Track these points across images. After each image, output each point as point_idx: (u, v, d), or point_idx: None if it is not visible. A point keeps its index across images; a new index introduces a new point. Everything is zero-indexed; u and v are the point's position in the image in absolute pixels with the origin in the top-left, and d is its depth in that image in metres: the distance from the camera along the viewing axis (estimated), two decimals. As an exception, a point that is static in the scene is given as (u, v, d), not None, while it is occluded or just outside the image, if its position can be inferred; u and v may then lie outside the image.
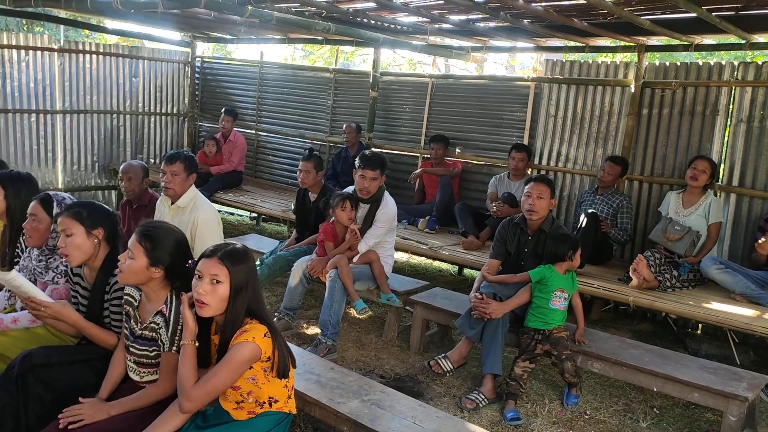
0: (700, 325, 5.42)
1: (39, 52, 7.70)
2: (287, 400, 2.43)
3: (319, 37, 7.81)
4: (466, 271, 6.91)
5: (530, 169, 6.42)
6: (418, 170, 6.88)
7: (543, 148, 6.42)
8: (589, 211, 5.20)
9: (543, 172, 6.29)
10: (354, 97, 7.98)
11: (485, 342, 3.90)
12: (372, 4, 5.30)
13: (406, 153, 7.52)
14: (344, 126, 7.45)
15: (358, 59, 18.62)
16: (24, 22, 15.87)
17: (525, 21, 5.27)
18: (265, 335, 2.28)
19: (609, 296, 4.73)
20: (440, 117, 7.25)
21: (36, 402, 2.69)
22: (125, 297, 2.71)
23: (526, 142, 6.50)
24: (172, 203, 4.09)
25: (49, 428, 2.54)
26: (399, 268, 6.18)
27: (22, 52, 7.56)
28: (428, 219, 6.24)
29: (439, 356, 4.02)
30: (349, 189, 4.78)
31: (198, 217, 3.92)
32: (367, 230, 4.55)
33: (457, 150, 6.96)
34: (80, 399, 2.58)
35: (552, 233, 4.05)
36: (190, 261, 2.62)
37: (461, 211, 6.03)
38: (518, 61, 15.12)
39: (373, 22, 6.14)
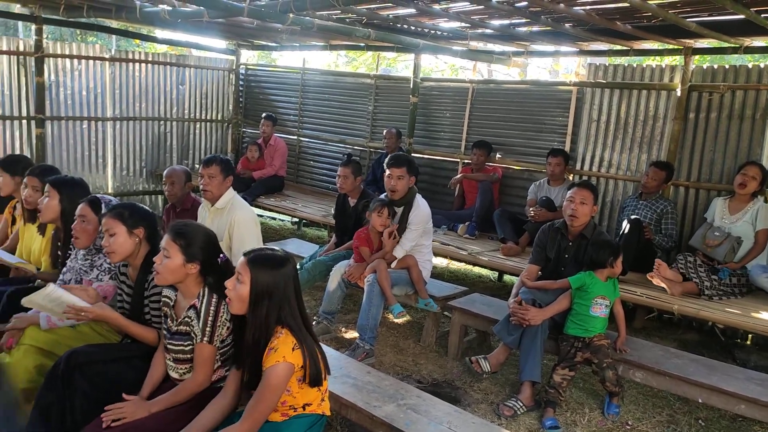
0: (749, 336, 5.25)
1: (91, 62, 7.96)
2: (321, 402, 2.45)
3: (361, 44, 7.87)
4: (506, 278, 6.84)
5: (572, 175, 6.33)
6: (458, 176, 6.86)
7: (585, 154, 6.32)
8: (632, 217, 5.10)
9: (585, 178, 6.19)
10: (394, 102, 8.01)
11: (524, 349, 3.85)
12: (412, 11, 5.31)
13: (446, 158, 7.51)
14: (384, 131, 7.48)
15: (401, 65, 18.68)
16: (78, 32, 16.49)
17: (567, 25, 5.20)
18: (293, 348, 2.30)
19: (652, 304, 4.62)
20: (481, 122, 7.21)
21: (81, 398, 2.78)
22: (163, 299, 2.79)
23: (567, 147, 6.41)
24: (212, 206, 4.18)
25: (93, 424, 2.62)
26: (438, 274, 6.16)
27: (75, 61, 7.82)
28: (468, 224, 6.21)
29: (481, 356, 4.00)
30: (384, 196, 4.79)
31: (235, 218, 4.00)
32: (401, 234, 4.56)
33: (498, 155, 6.91)
34: (124, 396, 2.66)
35: (593, 239, 3.98)
36: (221, 256, 2.69)
37: (500, 216, 5.98)
38: (562, 66, 14.95)
39: (413, 27, 6.16)
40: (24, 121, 7.39)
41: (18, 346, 3.08)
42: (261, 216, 8.64)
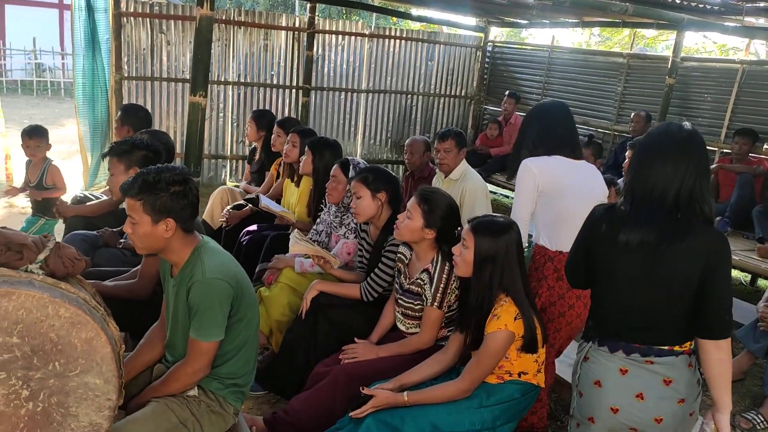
0: None
1: (353, 38, 8.66)
2: (536, 373, 2.48)
3: (617, 20, 7.46)
4: (761, 282, 6.09)
5: None
6: (714, 165, 6.22)
7: None
8: None
9: None
10: (647, 84, 7.49)
11: (771, 360, 3.45)
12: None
13: (702, 146, 6.83)
14: (632, 114, 7.04)
15: (661, 45, 17.26)
16: (344, 10, 17.95)
17: None
18: (515, 318, 2.36)
19: None
20: (749, 108, 6.44)
21: (322, 336, 3.16)
22: (398, 255, 3.01)
23: None
24: (445, 177, 4.36)
25: (330, 359, 2.97)
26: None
27: (340, 37, 8.58)
28: (720, 220, 5.62)
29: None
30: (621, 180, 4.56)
31: (467, 187, 4.14)
32: None
33: (765, 146, 6.12)
34: (356, 339, 2.97)
35: None
36: (459, 228, 2.81)
37: (761, 214, 5.31)
38: None
39: (678, 1, 5.68)
40: (293, 90, 8.34)
41: (276, 283, 3.57)
42: (494, 193, 8.72)
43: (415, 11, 9.14)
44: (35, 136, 4.57)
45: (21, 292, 1.79)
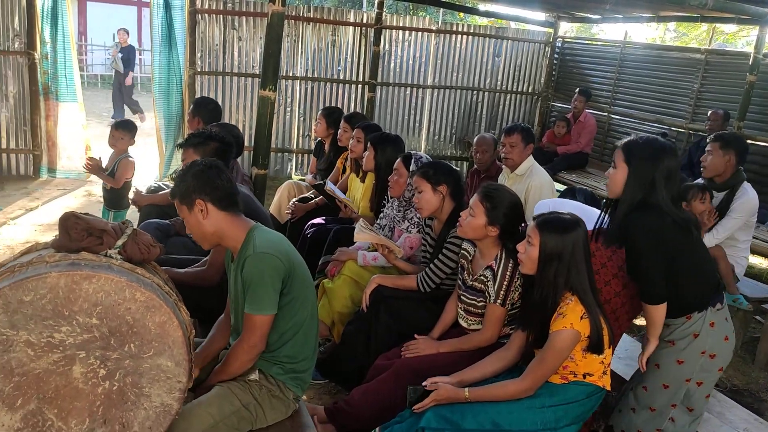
0: None
1: (420, 33, 8.65)
2: (602, 375, 2.42)
3: (694, 15, 7.17)
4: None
5: None
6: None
7: None
8: None
9: None
10: (726, 81, 7.18)
11: None
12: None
13: (785, 147, 6.51)
14: (709, 113, 6.75)
15: (741, 42, 16.52)
16: (411, 6, 17.93)
17: None
18: (582, 317, 2.31)
19: None
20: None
21: (383, 329, 3.18)
22: (462, 252, 3.00)
23: None
24: (511, 172, 4.31)
25: (390, 353, 2.99)
26: (754, 275, 5.43)
27: (406, 32, 8.58)
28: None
29: None
30: (699, 181, 4.38)
31: (532, 183, 4.09)
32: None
33: None
34: (416, 336, 2.98)
35: None
36: (523, 225, 2.77)
37: None
38: None
39: (762, -6, 5.42)
40: (359, 86, 8.40)
41: (339, 275, 3.62)
42: (560, 191, 8.54)
43: (482, 6, 9.04)
44: (121, 129, 4.76)
45: (101, 275, 1.88)
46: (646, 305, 2.51)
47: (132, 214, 4.85)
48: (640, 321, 4.57)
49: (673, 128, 7.67)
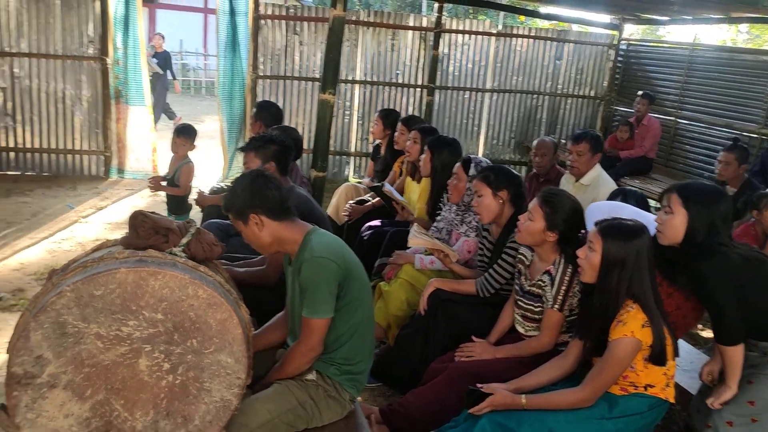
0: None
1: (479, 37, 8.59)
2: (665, 387, 2.34)
3: (768, 15, 6.88)
4: None
5: None
6: None
7: None
8: None
9: None
10: (804, 84, 6.84)
11: None
12: None
13: None
14: (784, 117, 6.47)
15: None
16: (470, 9, 17.85)
17: None
18: (643, 326, 2.25)
19: None
20: None
21: (440, 332, 3.17)
22: (519, 257, 2.96)
23: None
24: (576, 181, 4.21)
25: (446, 357, 2.98)
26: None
27: (466, 36, 8.53)
28: None
29: None
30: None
31: (599, 195, 3.96)
32: None
33: None
34: (473, 338, 2.95)
35: None
36: (583, 231, 2.72)
37: None
38: None
39: (843, -7, 5.15)
40: (418, 89, 8.41)
41: (395, 279, 3.63)
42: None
43: (543, 9, 8.91)
44: (182, 135, 4.91)
45: (166, 272, 1.95)
46: (722, 347, 2.44)
47: (195, 214, 5.01)
48: (707, 333, 4.41)
49: (744, 133, 7.35)
